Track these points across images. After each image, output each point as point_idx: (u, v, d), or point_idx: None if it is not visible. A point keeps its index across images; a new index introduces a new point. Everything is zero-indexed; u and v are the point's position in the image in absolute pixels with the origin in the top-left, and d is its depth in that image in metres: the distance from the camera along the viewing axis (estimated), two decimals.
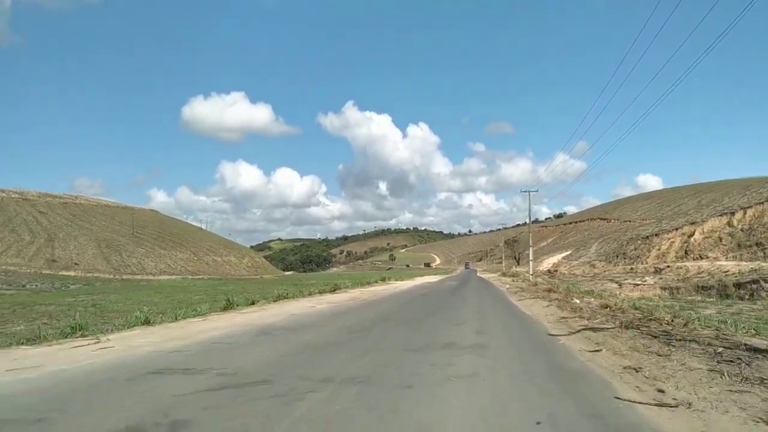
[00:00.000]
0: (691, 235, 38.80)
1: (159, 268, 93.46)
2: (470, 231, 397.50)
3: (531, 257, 32.67)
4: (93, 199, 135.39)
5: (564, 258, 51.81)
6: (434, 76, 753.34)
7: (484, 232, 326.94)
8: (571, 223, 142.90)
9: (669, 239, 40.10)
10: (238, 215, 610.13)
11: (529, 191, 33.96)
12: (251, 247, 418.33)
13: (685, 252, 37.73)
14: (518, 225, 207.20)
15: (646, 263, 38.65)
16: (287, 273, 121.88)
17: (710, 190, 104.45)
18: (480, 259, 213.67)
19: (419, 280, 41.21)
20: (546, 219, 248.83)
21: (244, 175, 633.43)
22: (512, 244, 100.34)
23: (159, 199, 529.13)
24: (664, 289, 32.37)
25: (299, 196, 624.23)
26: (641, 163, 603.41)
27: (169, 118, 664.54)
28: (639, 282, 33.87)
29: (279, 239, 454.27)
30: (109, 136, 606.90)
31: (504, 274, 46.55)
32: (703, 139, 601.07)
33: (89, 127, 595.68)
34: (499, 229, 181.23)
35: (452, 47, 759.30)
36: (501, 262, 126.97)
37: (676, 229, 40.87)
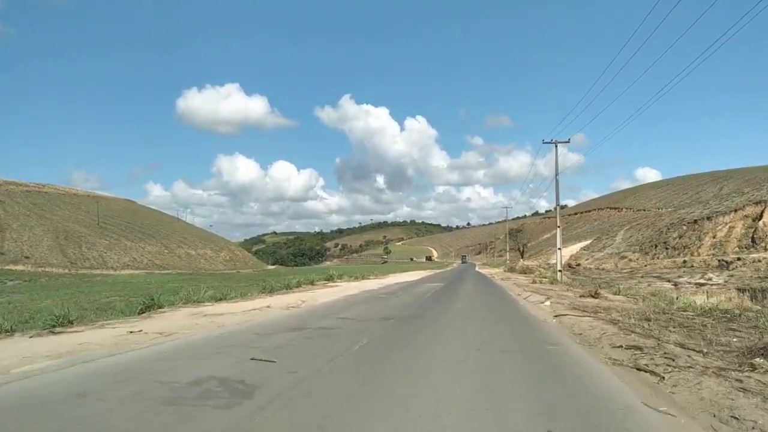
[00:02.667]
0: (758, 218, 29.63)
1: (122, 261, 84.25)
2: (468, 224, 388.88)
3: (559, 243, 21.58)
4: (62, 188, 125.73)
5: (584, 249, 42.84)
6: (431, 68, 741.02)
7: (483, 225, 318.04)
8: (575, 213, 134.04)
9: (726, 224, 30.91)
10: (235, 209, 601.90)
11: (555, 142, 23.61)
12: (245, 240, 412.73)
13: (753, 240, 28.52)
14: (517, 218, 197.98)
15: (699, 254, 29.43)
16: (271, 267, 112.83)
17: (730, 177, 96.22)
18: (479, 252, 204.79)
19: (390, 279, 30.50)
20: (546, 212, 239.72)
21: (241, 169, 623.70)
22: (515, 234, 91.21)
23: (156, 193, 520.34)
24: (741, 290, 23.08)
25: (296, 190, 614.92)
26: (639, 157, 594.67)
27: (164, 112, 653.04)
28: (702, 281, 24.37)
29: (273, 232, 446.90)
30: (105, 130, 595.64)
31: (512, 269, 37.29)
32: (701, 132, 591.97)
33: (85, 120, 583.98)
34: (499, 222, 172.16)
35: (450, 39, 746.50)
36: (503, 255, 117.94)
37: (735, 210, 31.64)
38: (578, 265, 32.80)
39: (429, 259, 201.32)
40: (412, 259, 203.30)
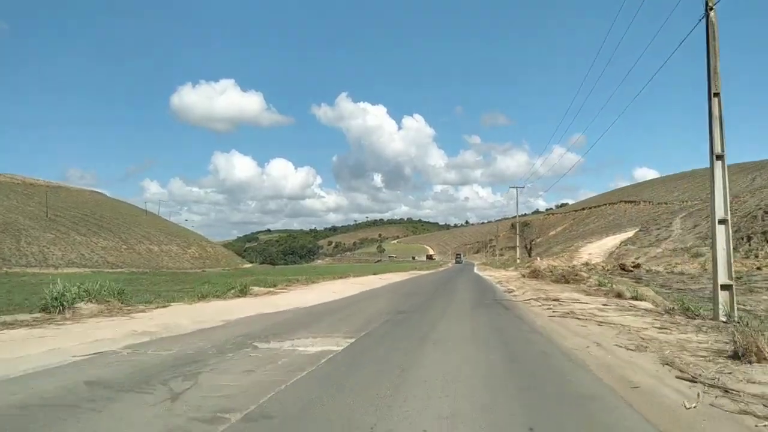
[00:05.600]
0: None
1: (67, 258, 72.98)
2: (467, 222, 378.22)
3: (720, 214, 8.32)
4: (19, 177, 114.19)
5: (628, 243, 31.86)
6: (428, 65, 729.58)
7: (482, 223, 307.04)
8: (583, 209, 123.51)
9: None
10: (232, 207, 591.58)
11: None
12: (238, 238, 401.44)
13: None
14: (514, 217, 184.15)
15: None
16: (247, 265, 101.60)
17: (762, 168, 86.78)
18: (477, 251, 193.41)
19: (290, 298, 15.58)
20: (547, 210, 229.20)
21: (238, 166, 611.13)
22: (522, 229, 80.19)
23: (152, 190, 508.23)
24: None
25: (293, 188, 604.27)
26: (637, 156, 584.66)
27: (159, 108, 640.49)
28: None
29: (268, 230, 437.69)
30: (99, 126, 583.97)
31: (535, 273, 24.26)
32: (692, 131, 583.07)
33: (81, 117, 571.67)
34: (499, 221, 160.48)
35: (446, 36, 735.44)
36: (504, 254, 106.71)
37: None
38: (636, 266, 21.69)
39: (430, 257, 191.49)
40: (413, 258, 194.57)
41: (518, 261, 45.11)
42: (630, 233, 36.47)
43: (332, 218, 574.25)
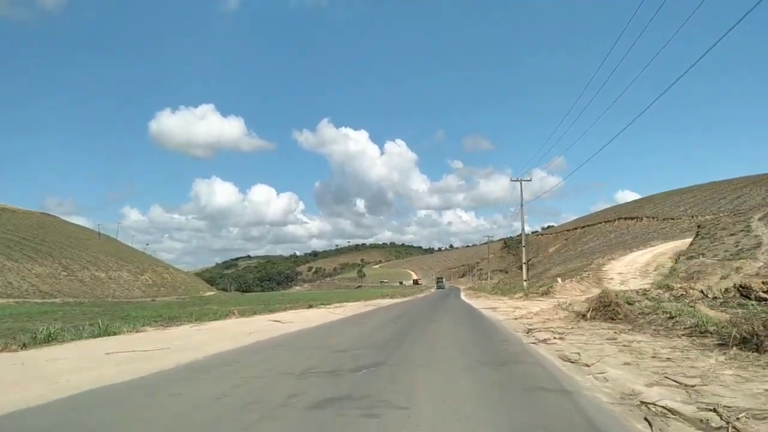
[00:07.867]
0: None
1: None
2: (451, 246, 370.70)
3: None
4: None
5: (691, 254, 23.57)
6: (409, 89, 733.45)
7: (467, 246, 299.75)
8: (575, 228, 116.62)
9: None
10: (214, 233, 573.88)
11: None
12: (217, 264, 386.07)
13: None
14: (503, 239, 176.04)
15: None
16: (210, 293, 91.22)
17: None
18: (463, 275, 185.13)
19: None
20: (533, 232, 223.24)
21: (219, 192, 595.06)
22: (516, 247, 72.09)
23: (132, 218, 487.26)
24: None
25: (276, 214, 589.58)
26: (619, 180, 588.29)
27: (138, 134, 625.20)
28: None
29: (248, 256, 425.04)
30: (79, 154, 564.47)
31: (611, 312, 11.37)
32: (677, 153, 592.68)
33: (57, 143, 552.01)
34: (484, 243, 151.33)
35: (427, 59, 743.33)
36: (490, 278, 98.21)
37: None
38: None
39: (416, 282, 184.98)
40: (401, 282, 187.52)
41: (526, 284, 36.11)
42: (672, 244, 28.59)
43: (315, 244, 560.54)
